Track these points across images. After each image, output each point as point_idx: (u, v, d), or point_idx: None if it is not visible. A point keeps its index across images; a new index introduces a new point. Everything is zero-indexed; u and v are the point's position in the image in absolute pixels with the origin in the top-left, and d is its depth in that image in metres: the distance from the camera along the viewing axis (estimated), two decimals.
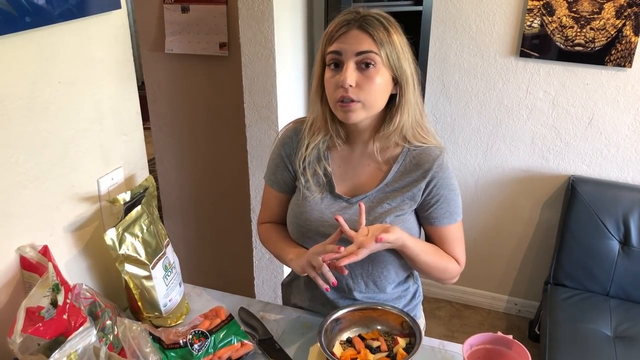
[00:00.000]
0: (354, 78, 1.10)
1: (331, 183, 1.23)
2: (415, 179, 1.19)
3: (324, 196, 1.23)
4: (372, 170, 1.22)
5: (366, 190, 1.21)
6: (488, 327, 2.65)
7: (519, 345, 1.02)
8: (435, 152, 1.20)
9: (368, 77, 1.10)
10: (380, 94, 1.13)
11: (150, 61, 2.26)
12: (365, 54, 1.10)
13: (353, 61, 1.10)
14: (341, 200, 1.22)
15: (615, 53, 2.15)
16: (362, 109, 1.12)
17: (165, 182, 2.48)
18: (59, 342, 0.92)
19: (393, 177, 1.20)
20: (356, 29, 1.11)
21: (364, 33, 1.10)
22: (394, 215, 1.18)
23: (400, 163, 1.20)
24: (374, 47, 1.10)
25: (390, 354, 1.08)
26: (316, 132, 1.23)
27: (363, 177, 1.23)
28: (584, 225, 2.27)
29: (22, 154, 1.02)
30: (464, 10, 2.30)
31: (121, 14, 1.21)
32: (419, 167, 1.19)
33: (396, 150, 1.21)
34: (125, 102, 1.27)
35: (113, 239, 1.13)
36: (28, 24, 0.97)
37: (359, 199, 1.21)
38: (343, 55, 1.11)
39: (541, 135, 2.39)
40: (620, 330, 2.08)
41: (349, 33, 1.11)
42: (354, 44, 1.10)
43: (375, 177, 1.22)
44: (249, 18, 1.83)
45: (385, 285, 1.26)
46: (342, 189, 1.23)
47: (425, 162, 1.19)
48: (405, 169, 1.20)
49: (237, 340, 1.12)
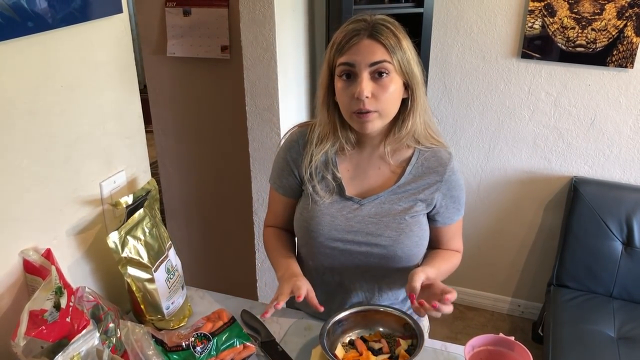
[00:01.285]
0: (370, 89, 1.09)
1: (341, 187, 1.23)
2: (429, 183, 1.21)
3: (334, 200, 1.23)
4: (383, 172, 1.23)
5: (377, 191, 1.22)
6: (491, 329, 2.64)
7: (521, 346, 1.02)
8: (445, 155, 1.22)
9: (382, 87, 1.10)
10: (395, 101, 1.14)
11: (152, 64, 2.27)
12: (379, 64, 1.09)
13: (367, 72, 1.10)
14: (352, 202, 1.22)
15: (617, 54, 2.15)
16: (379, 118, 1.13)
17: (167, 185, 2.49)
18: (62, 345, 0.92)
19: (406, 180, 1.21)
20: (367, 38, 1.10)
21: (375, 42, 1.09)
22: (408, 215, 1.19)
23: (413, 165, 1.21)
24: (387, 56, 1.09)
25: (393, 356, 1.08)
26: (324, 140, 1.22)
27: (374, 179, 1.23)
28: (586, 227, 2.26)
29: (25, 158, 1.02)
30: (465, 12, 2.30)
31: (123, 18, 1.22)
32: (431, 171, 1.21)
33: (407, 152, 1.22)
34: (127, 105, 1.28)
35: (116, 242, 1.13)
36: (30, 29, 0.98)
37: (371, 200, 1.21)
38: (356, 67, 1.10)
39: (543, 136, 2.38)
40: (624, 331, 2.07)
41: (361, 43, 1.10)
42: (367, 55, 1.09)
43: (387, 179, 1.22)
44: (250, 21, 1.83)
45: (401, 292, 1.29)
46: (353, 191, 1.23)
47: (437, 165, 1.21)
48: (418, 171, 1.21)
49: (239, 343, 1.12)
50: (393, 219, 1.19)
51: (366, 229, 1.19)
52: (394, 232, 1.18)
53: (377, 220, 1.19)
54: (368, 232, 1.19)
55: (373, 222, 1.19)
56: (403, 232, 1.18)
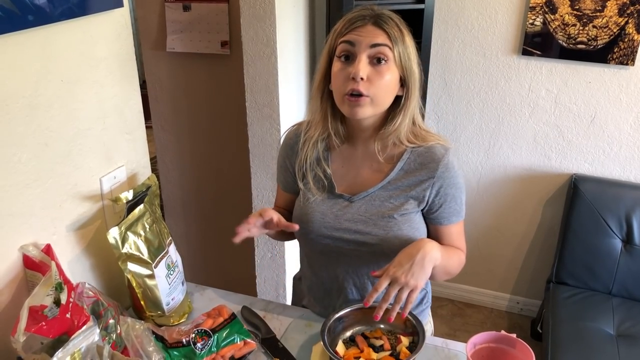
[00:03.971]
0: (367, 72, 1.09)
1: (332, 184, 1.23)
2: (421, 179, 1.18)
3: (325, 197, 1.23)
4: (374, 169, 1.22)
5: (367, 188, 1.21)
6: (490, 326, 2.65)
7: (523, 344, 1.02)
8: (439, 152, 1.18)
9: (379, 72, 1.09)
10: (389, 92, 1.13)
11: (151, 60, 2.26)
12: (380, 46, 1.09)
13: (366, 54, 1.09)
14: (342, 200, 1.22)
15: (618, 51, 2.14)
16: (370, 104, 1.11)
17: (167, 181, 2.48)
18: (62, 341, 0.92)
19: (396, 175, 1.19)
20: (371, 24, 1.10)
21: (379, 29, 1.10)
22: (398, 213, 1.17)
23: (405, 161, 1.19)
24: (389, 42, 1.09)
25: (394, 353, 1.08)
26: (313, 128, 1.22)
27: (365, 176, 1.22)
28: (586, 224, 2.26)
29: (24, 152, 1.01)
30: (466, 9, 2.29)
31: (123, 12, 1.21)
32: (423, 167, 1.18)
33: (399, 149, 1.20)
34: (128, 100, 1.27)
35: (116, 237, 1.13)
36: (31, 22, 0.97)
37: (361, 196, 1.20)
38: (356, 46, 1.09)
39: (543, 133, 2.38)
40: (623, 328, 2.08)
41: (364, 27, 1.10)
42: (369, 37, 1.09)
43: (378, 176, 1.21)
44: (250, 16, 1.82)
45: None
46: (343, 188, 1.23)
47: (430, 161, 1.18)
48: (410, 167, 1.19)
49: (240, 339, 1.12)
50: (382, 217, 1.17)
51: (354, 227, 1.19)
52: (382, 231, 1.17)
53: (366, 218, 1.18)
54: (356, 229, 1.19)
55: (362, 220, 1.18)
56: (391, 230, 1.17)
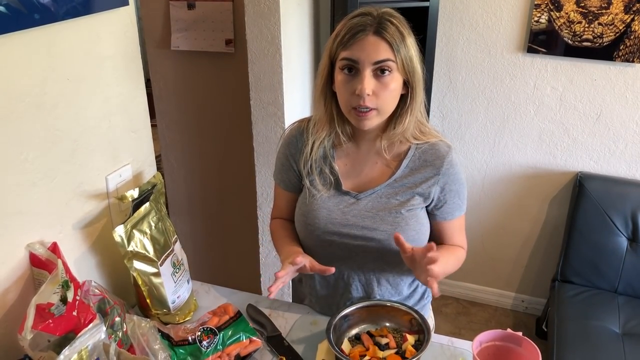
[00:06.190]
0: (372, 87, 1.09)
1: (338, 181, 1.23)
2: (426, 176, 1.20)
3: (331, 194, 1.23)
4: (380, 166, 1.23)
5: (374, 185, 1.22)
6: (495, 324, 2.64)
7: (529, 342, 1.02)
8: (443, 149, 1.21)
9: (384, 84, 1.10)
10: (394, 99, 1.14)
11: (156, 58, 2.26)
12: (382, 62, 1.09)
13: (370, 70, 1.09)
14: (349, 197, 1.22)
15: (624, 48, 2.13)
16: (377, 115, 1.13)
17: (172, 179, 2.48)
18: (69, 338, 0.92)
19: (403, 173, 1.21)
20: (372, 34, 1.09)
21: (380, 39, 1.09)
22: (405, 209, 1.19)
23: (410, 159, 1.21)
24: (391, 55, 1.09)
25: (399, 351, 1.08)
26: (320, 129, 1.23)
27: (371, 174, 1.23)
28: (591, 222, 2.26)
29: (31, 151, 1.02)
30: (471, 6, 2.29)
31: (129, 11, 1.21)
32: (428, 164, 1.20)
33: (403, 147, 1.22)
34: (133, 98, 1.27)
35: (122, 235, 1.13)
36: (37, 20, 0.97)
37: (367, 194, 1.21)
38: (360, 64, 1.09)
39: (549, 131, 2.37)
40: (629, 327, 2.07)
41: (366, 40, 1.09)
42: (371, 53, 1.08)
43: (384, 173, 1.22)
44: (255, 14, 1.82)
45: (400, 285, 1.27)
46: (349, 185, 1.23)
47: (435, 158, 1.20)
48: (415, 164, 1.21)
49: (245, 337, 1.12)
50: (389, 213, 1.18)
51: (362, 223, 1.19)
52: (390, 226, 1.18)
53: (374, 214, 1.19)
54: (364, 225, 1.19)
55: (369, 216, 1.19)
56: (399, 225, 1.18)
